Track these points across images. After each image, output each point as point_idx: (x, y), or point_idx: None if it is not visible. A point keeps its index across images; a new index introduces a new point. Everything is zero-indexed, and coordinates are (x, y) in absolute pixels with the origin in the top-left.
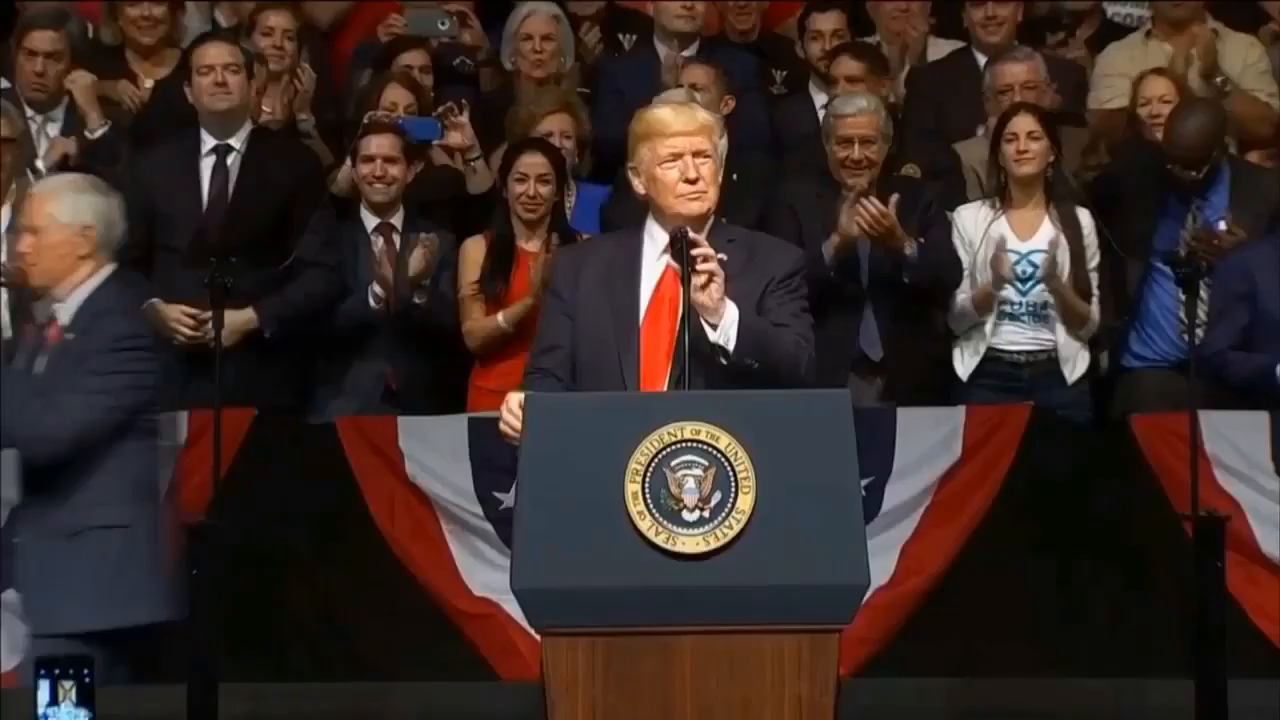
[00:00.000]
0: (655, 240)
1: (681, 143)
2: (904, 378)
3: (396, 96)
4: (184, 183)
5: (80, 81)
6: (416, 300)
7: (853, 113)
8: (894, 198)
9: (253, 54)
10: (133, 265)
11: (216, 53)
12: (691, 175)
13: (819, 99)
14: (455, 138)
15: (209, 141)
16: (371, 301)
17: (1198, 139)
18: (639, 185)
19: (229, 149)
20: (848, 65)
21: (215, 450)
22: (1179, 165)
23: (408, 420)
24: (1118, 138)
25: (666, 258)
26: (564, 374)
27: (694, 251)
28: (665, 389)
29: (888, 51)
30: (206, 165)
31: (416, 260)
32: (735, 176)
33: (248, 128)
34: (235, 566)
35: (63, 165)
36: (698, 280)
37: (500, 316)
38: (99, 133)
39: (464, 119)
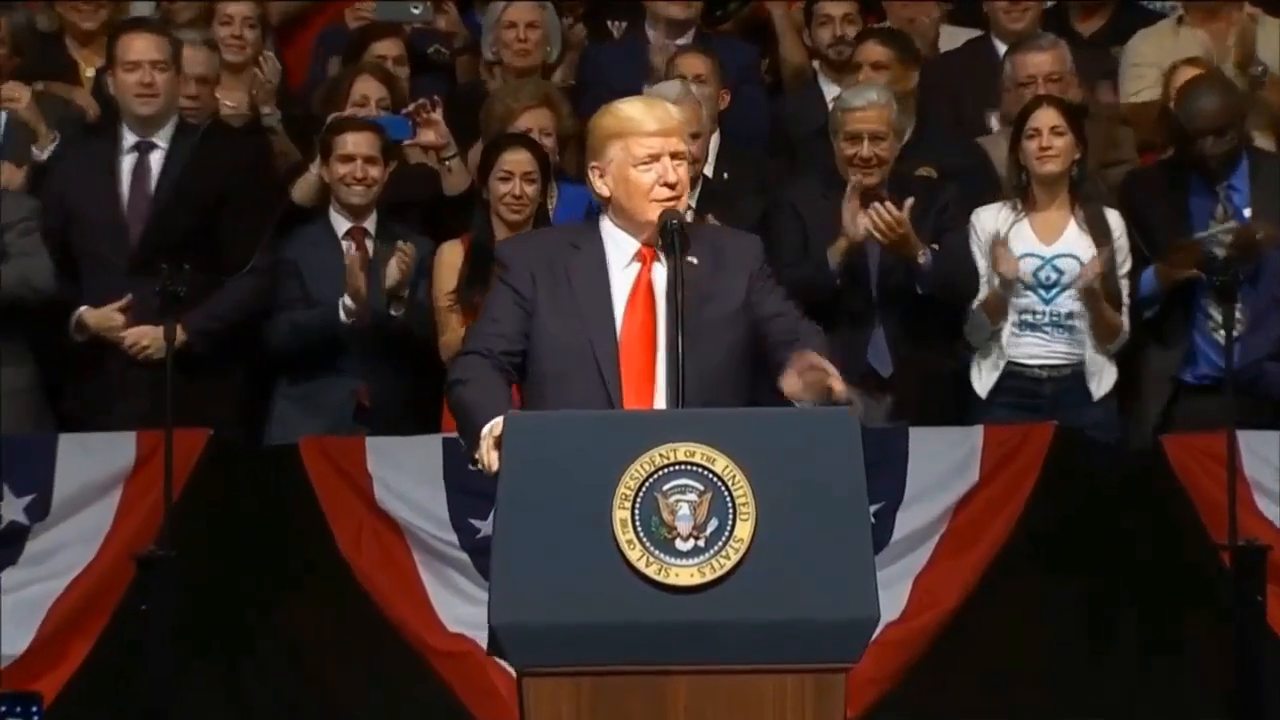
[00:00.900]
0: (620, 246)
1: (658, 143)
2: (916, 395)
3: (368, 90)
4: (102, 183)
5: (20, 99)
6: (393, 313)
7: (861, 106)
8: (908, 202)
9: (181, 43)
10: (57, 271)
11: (143, 46)
12: (671, 179)
13: (829, 91)
14: (429, 136)
15: (129, 138)
16: (342, 315)
17: (1215, 107)
18: (602, 186)
19: (152, 146)
20: (873, 51)
21: (166, 474)
22: (1202, 138)
23: (377, 441)
24: (1147, 132)
25: (637, 266)
26: (504, 361)
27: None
28: (658, 404)
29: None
30: (126, 165)
31: (392, 271)
32: (726, 175)
33: (173, 123)
34: (188, 602)
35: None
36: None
37: None
38: (48, 152)
39: (437, 116)
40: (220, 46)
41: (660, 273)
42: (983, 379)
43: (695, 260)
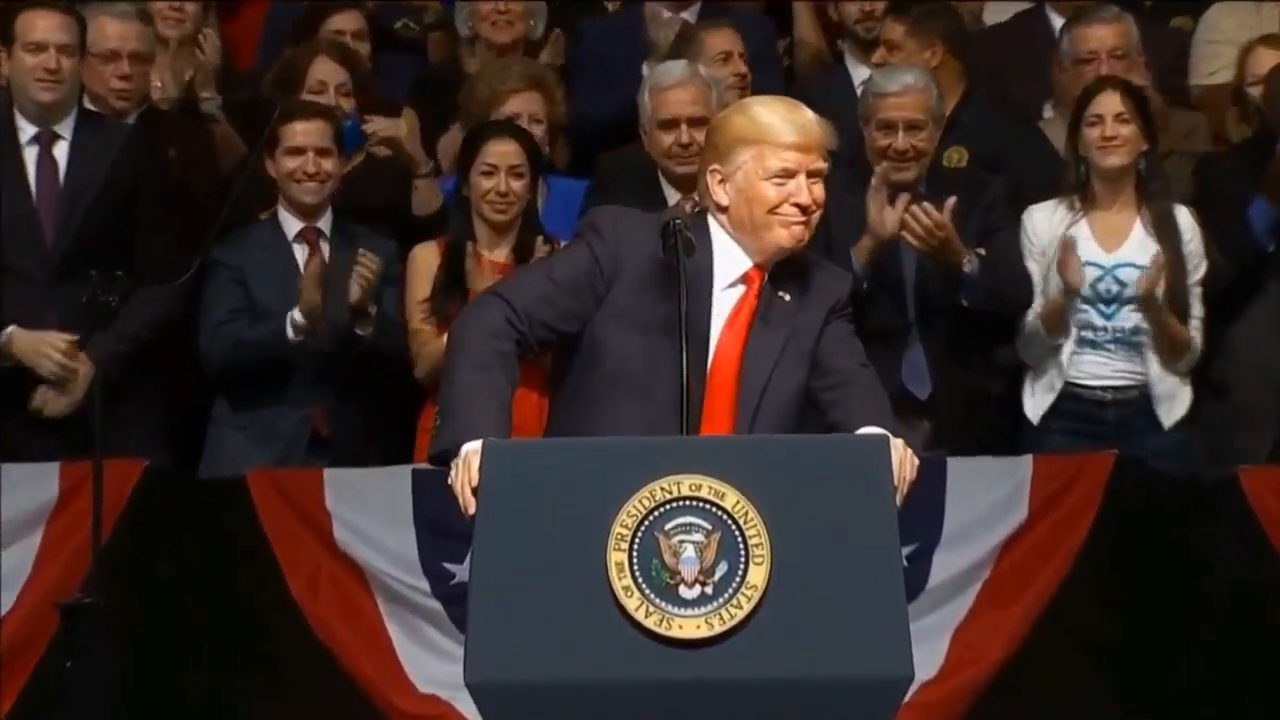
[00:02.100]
0: (728, 259)
1: (795, 159)
2: (957, 420)
3: (326, 74)
4: (6, 182)
5: None
6: (359, 331)
7: (896, 91)
8: (950, 201)
9: (85, 22)
10: None
11: (48, 26)
12: (804, 200)
13: (858, 74)
14: (385, 127)
15: (27, 129)
16: (290, 333)
17: None
18: (720, 193)
19: (55, 137)
20: (888, 29)
21: (95, 512)
22: None
23: (337, 474)
24: (1221, 119)
25: (741, 289)
26: (538, 335)
27: None
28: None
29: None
30: (29, 158)
31: (352, 286)
32: None
33: (75, 111)
34: (120, 658)
35: None
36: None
37: None
38: None
39: (399, 121)
40: (156, 20)
41: (749, 299)
42: (1036, 401)
43: (787, 297)
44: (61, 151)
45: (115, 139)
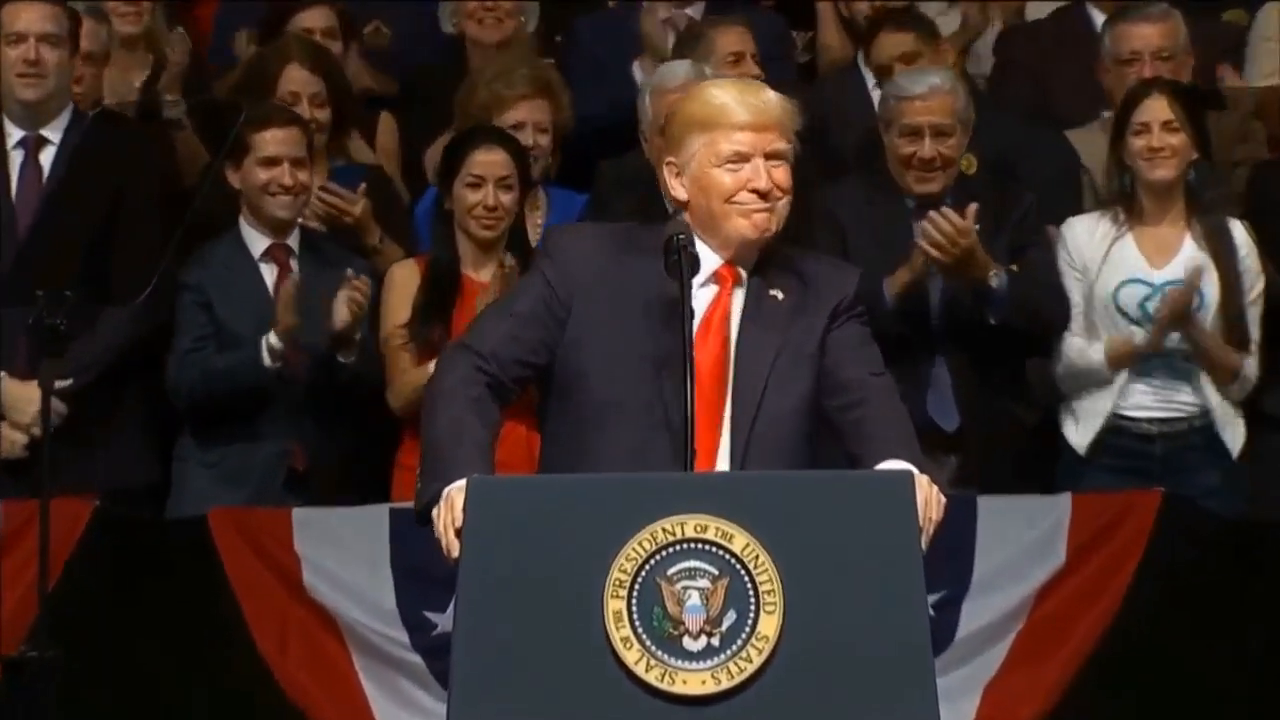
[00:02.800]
0: (703, 262)
1: (750, 139)
2: (988, 455)
3: (298, 83)
4: None
5: None
6: (341, 359)
7: (922, 93)
8: (972, 207)
9: (79, 14)
10: None
11: (30, 17)
12: (761, 184)
13: (871, 76)
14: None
15: (14, 132)
16: (266, 358)
17: None
18: (678, 187)
19: (43, 141)
20: (892, 41)
21: (41, 557)
22: None
23: (306, 513)
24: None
25: (713, 288)
26: (511, 372)
27: None
28: (720, 456)
29: (965, 9)
30: (14, 163)
31: (340, 310)
32: None
33: (69, 111)
34: (69, 714)
35: None
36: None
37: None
38: None
39: (358, 196)
40: (111, 16)
41: (738, 299)
42: (1080, 433)
43: (780, 295)
44: (48, 157)
45: (116, 143)
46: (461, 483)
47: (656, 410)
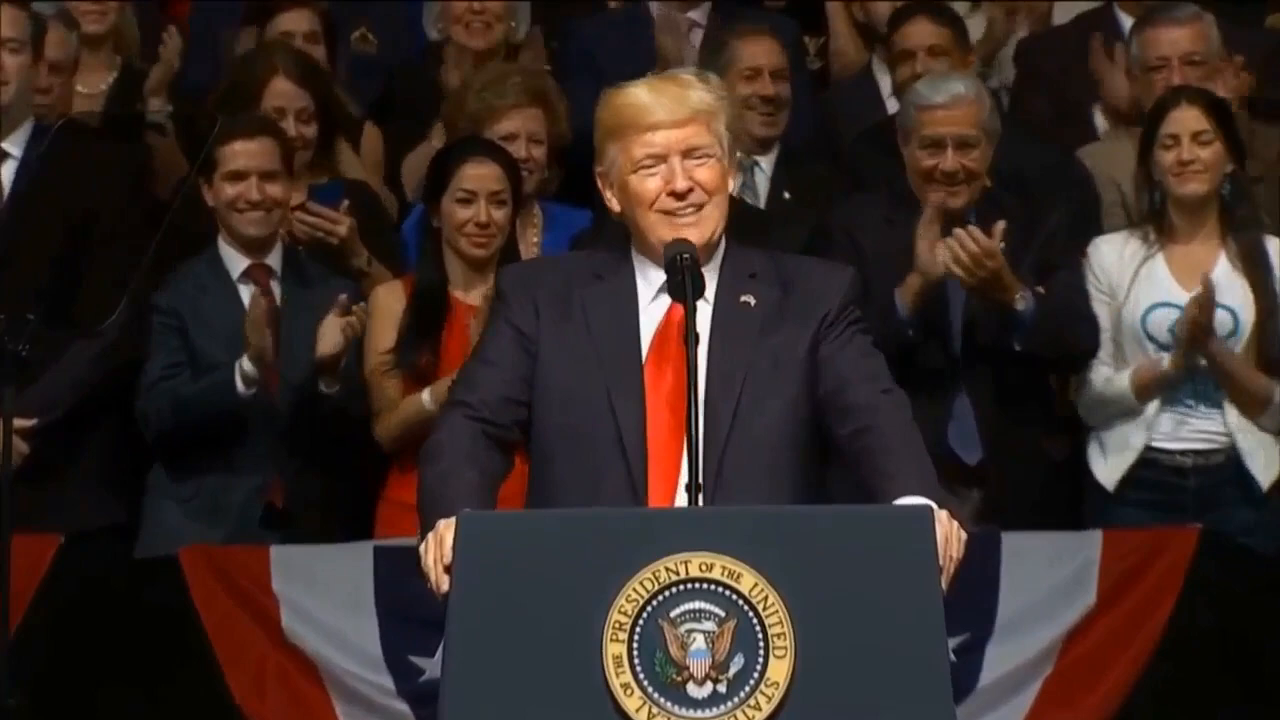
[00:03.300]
0: (648, 278)
1: (664, 138)
2: (1013, 489)
3: (284, 97)
4: None
5: None
6: (325, 389)
7: (944, 102)
8: (999, 225)
9: (45, 22)
10: None
11: None
12: (679, 185)
13: (886, 83)
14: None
15: None
16: (240, 384)
17: None
18: (610, 199)
19: (2, 155)
20: (923, 31)
21: (1, 597)
22: None
23: (285, 551)
24: None
25: (665, 302)
26: (503, 417)
27: None
28: (681, 483)
29: (989, 10)
30: None
31: (331, 335)
32: (787, 195)
33: (30, 123)
34: None
35: None
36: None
37: (426, 395)
38: None
39: (342, 215)
40: (74, 14)
41: (701, 310)
42: (1109, 466)
43: (752, 300)
44: (8, 171)
45: (82, 156)
46: (452, 519)
47: (610, 437)
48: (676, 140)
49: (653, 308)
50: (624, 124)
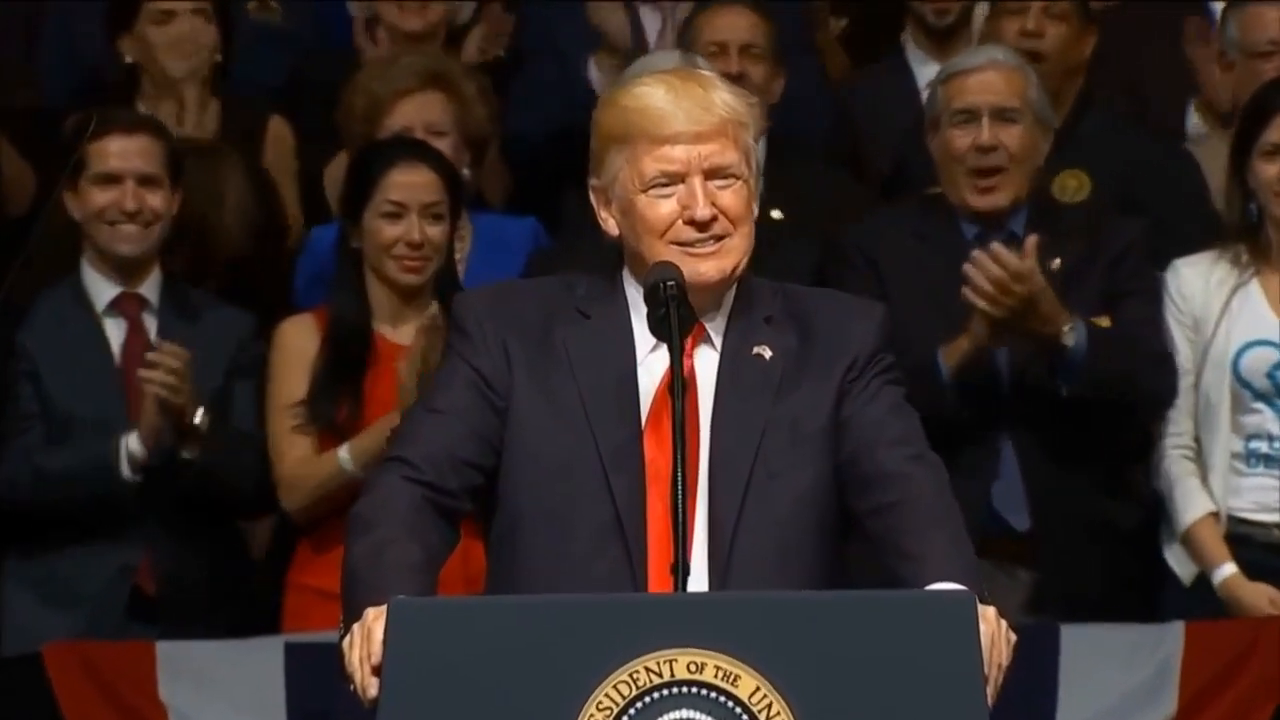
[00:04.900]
0: (643, 312)
1: (684, 155)
2: (1072, 568)
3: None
4: None
5: None
6: (186, 455)
7: (978, 66)
8: (1031, 240)
9: None
10: None
11: None
12: (700, 213)
13: (924, 72)
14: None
15: None
16: (125, 469)
17: None
18: (606, 219)
19: None
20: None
21: None
22: None
23: (175, 648)
24: None
25: (666, 347)
26: (450, 482)
27: None
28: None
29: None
30: None
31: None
32: (778, 211)
33: None
34: None
35: None
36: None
37: (343, 452)
38: None
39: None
40: None
41: (706, 360)
42: (1186, 558)
43: (767, 352)
44: None
45: None
46: (382, 607)
47: (604, 514)
48: (699, 156)
49: (652, 360)
50: (633, 132)
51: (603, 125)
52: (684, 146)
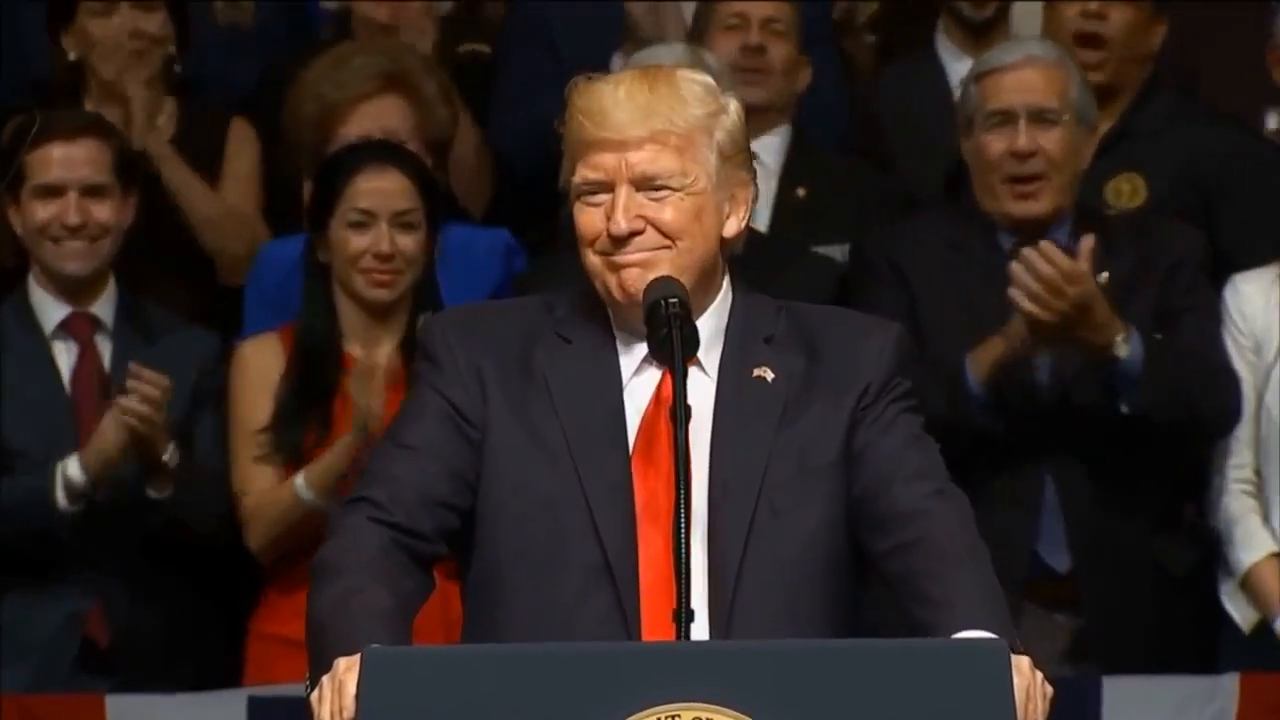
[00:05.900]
0: (629, 342)
1: (610, 162)
2: (1117, 613)
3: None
4: None
5: None
6: (152, 494)
7: (1014, 62)
8: (1087, 241)
9: None
10: None
11: None
12: (619, 228)
13: (956, 68)
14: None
15: None
16: (61, 498)
17: None
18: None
19: None
20: None
21: None
22: None
23: (126, 702)
24: None
25: (654, 374)
26: (420, 522)
27: None
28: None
29: None
30: None
31: (103, 430)
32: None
33: None
34: None
35: None
36: None
37: (299, 481)
38: None
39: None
40: None
41: (698, 384)
42: (1245, 604)
43: (770, 374)
44: None
45: None
46: (354, 657)
47: (591, 555)
48: (627, 165)
49: (637, 384)
50: (575, 133)
51: (566, 123)
52: (612, 154)
